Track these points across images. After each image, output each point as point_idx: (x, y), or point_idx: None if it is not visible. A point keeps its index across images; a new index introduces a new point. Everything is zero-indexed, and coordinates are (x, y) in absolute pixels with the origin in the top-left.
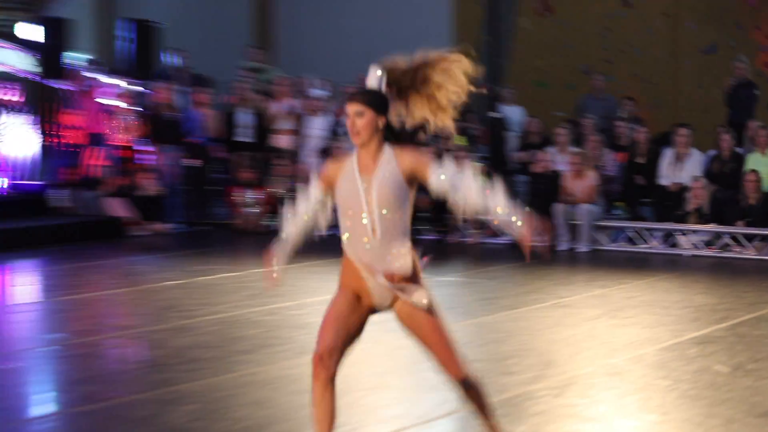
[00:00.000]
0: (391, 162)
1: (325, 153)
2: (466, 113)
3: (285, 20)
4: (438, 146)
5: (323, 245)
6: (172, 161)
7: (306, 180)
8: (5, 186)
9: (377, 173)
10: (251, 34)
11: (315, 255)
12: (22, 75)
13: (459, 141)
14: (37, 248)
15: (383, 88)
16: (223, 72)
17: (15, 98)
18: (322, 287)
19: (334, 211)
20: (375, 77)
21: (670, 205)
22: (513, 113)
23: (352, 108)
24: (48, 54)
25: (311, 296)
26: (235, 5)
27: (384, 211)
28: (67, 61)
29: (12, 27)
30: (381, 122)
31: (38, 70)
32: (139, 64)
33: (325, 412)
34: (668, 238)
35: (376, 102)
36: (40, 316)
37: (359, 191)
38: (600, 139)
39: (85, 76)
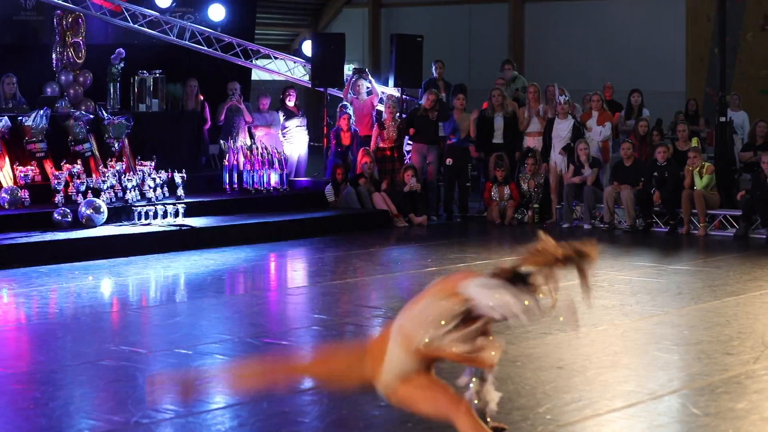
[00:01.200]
0: None
1: (569, 152)
2: (697, 118)
3: (531, 33)
4: None
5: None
6: (433, 160)
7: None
8: (284, 182)
9: None
10: (503, 47)
11: None
12: (299, 83)
13: (693, 143)
14: (311, 238)
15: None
16: (477, 80)
17: (292, 104)
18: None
19: None
20: None
21: None
22: (739, 118)
23: None
24: (321, 64)
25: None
26: (486, 21)
27: None
28: (338, 71)
29: (291, 41)
30: None
31: (312, 79)
32: (403, 74)
33: None
34: None
35: None
36: (310, 299)
37: None
38: None
39: (354, 83)
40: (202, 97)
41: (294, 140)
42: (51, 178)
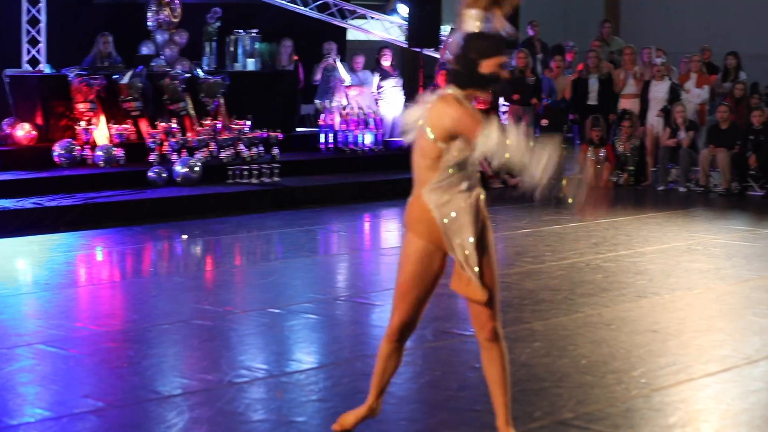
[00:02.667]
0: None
1: (666, 114)
2: None
3: None
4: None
5: (656, 198)
6: (528, 121)
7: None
8: (378, 142)
9: None
10: (598, 7)
11: (651, 207)
12: (395, 43)
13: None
14: (405, 198)
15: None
16: (572, 40)
17: (388, 63)
18: (656, 237)
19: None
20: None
21: None
22: None
23: None
24: (417, 25)
25: (647, 245)
26: None
27: None
28: (435, 31)
29: (387, 1)
30: None
31: (408, 39)
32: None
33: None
34: None
35: None
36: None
37: None
38: None
39: (454, 44)
40: (296, 57)
41: (389, 100)
42: (146, 136)
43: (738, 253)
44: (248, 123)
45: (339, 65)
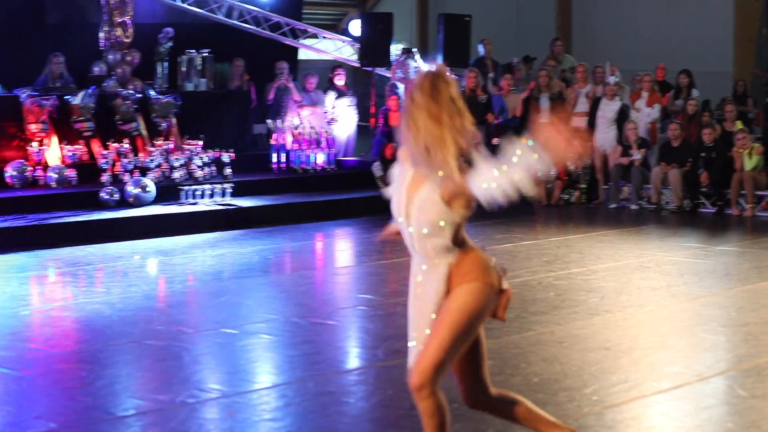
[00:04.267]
0: None
1: (619, 132)
2: (745, 98)
3: (578, 12)
4: None
5: (608, 216)
6: (480, 139)
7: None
8: (331, 162)
9: None
10: (551, 26)
11: (603, 225)
12: (347, 63)
13: (738, 125)
14: (358, 217)
15: None
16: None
17: (342, 83)
18: (608, 255)
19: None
20: None
21: None
22: None
23: None
24: (369, 44)
25: (599, 263)
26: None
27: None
28: (386, 50)
29: (339, 21)
30: None
31: (360, 58)
32: (449, 53)
33: None
34: None
35: None
36: (357, 278)
37: None
38: None
39: (402, 63)
40: (248, 77)
41: (343, 119)
42: (98, 157)
43: (690, 270)
44: (200, 143)
45: (291, 85)
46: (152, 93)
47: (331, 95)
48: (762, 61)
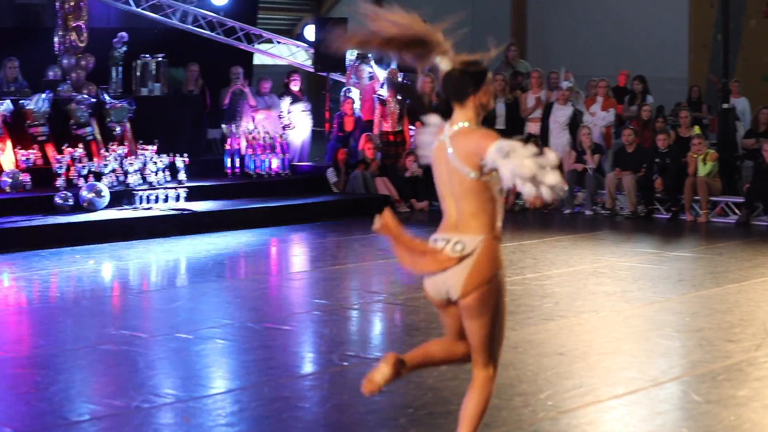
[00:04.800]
0: None
1: (573, 138)
2: (700, 104)
3: (533, 18)
4: None
5: (563, 221)
6: None
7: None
8: (285, 167)
9: None
10: (505, 31)
11: (557, 230)
12: (302, 68)
13: (695, 131)
14: (312, 223)
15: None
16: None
17: (297, 88)
18: (562, 260)
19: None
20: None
21: None
22: (740, 105)
23: None
24: (323, 49)
25: (554, 268)
26: (489, 4)
27: None
28: (341, 55)
29: (294, 26)
30: None
31: (315, 63)
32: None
33: None
34: None
35: None
36: (311, 283)
37: None
38: None
39: (356, 68)
40: (202, 82)
41: (298, 125)
42: (52, 161)
43: (644, 275)
44: (155, 148)
45: (246, 89)
46: (107, 97)
47: (287, 100)
48: (717, 67)
